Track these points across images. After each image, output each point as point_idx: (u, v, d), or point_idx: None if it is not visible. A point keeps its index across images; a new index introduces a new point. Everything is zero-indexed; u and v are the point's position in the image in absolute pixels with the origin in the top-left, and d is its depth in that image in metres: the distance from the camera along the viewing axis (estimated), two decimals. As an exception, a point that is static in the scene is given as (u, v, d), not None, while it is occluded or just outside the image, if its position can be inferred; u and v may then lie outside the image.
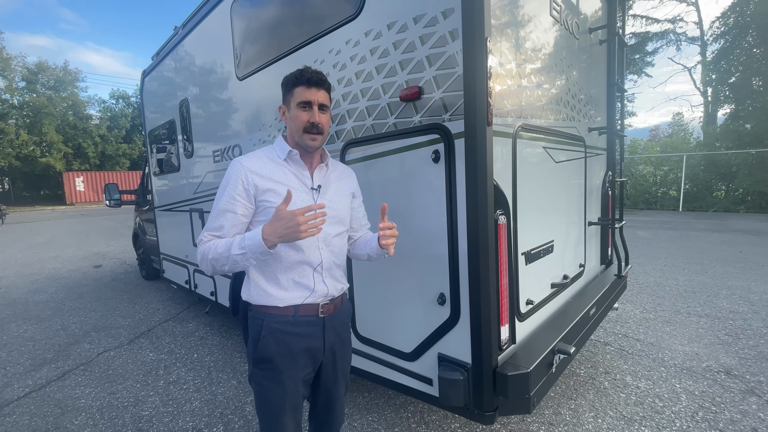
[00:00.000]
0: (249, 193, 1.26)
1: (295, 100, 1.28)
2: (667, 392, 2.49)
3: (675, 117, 22.41)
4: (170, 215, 4.48)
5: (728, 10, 14.37)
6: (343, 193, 1.43)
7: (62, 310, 4.72)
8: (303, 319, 1.30)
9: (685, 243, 7.36)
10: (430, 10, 1.57)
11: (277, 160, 1.32)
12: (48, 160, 28.06)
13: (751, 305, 3.96)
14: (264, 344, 1.28)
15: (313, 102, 1.28)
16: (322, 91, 1.30)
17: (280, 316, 1.28)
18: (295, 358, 1.29)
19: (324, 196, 1.35)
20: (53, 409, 2.59)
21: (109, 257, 8.17)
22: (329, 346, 1.36)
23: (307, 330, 1.30)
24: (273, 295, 1.28)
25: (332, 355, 1.38)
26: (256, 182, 1.26)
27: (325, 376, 1.41)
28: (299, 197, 1.28)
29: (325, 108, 1.32)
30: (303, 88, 1.27)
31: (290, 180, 1.30)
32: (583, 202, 2.59)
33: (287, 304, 1.28)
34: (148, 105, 4.92)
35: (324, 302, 1.34)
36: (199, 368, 3.08)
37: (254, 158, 1.31)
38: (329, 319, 1.35)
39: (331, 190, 1.39)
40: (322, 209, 1.16)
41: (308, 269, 1.31)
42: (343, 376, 1.47)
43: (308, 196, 1.32)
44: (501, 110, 1.64)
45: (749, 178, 12.39)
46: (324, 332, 1.33)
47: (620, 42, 2.78)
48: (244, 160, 1.30)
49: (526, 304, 1.86)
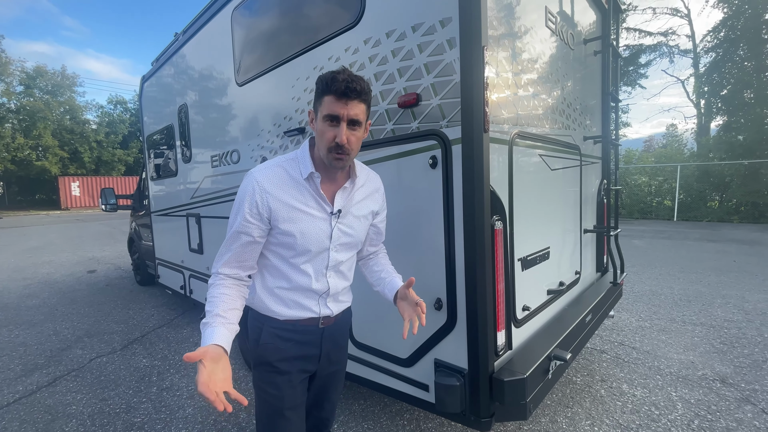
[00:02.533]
0: (262, 216, 1.15)
1: (323, 111, 1.09)
2: (663, 400, 2.49)
3: (669, 128, 22.76)
4: (167, 220, 4.47)
5: (720, 24, 14.68)
6: (364, 214, 1.32)
7: (55, 315, 4.66)
8: (302, 328, 1.28)
9: (679, 252, 7.41)
10: (429, 19, 1.60)
11: (298, 178, 1.18)
12: (43, 164, 27.92)
13: (746, 314, 3.99)
14: (263, 349, 1.26)
15: (341, 117, 1.08)
16: (355, 103, 1.08)
17: (280, 323, 1.26)
18: (293, 362, 1.28)
19: (342, 221, 1.25)
20: (44, 416, 2.55)
21: (104, 262, 8.10)
22: (325, 353, 1.34)
23: (304, 338, 1.28)
24: (274, 310, 1.25)
25: (327, 360, 1.37)
26: (271, 206, 1.15)
27: (318, 379, 1.40)
28: (316, 225, 1.20)
29: (357, 125, 1.11)
30: (332, 99, 1.07)
31: (309, 204, 1.19)
32: (578, 210, 2.62)
33: (287, 318, 1.26)
34: (146, 110, 4.93)
35: (325, 317, 1.31)
36: (193, 375, 3.05)
37: (272, 174, 1.17)
38: (328, 328, 1.33)
39: (351, 214, 1.27)
40: (208, 400, 0.93)
41: (314, 295, 1.27)
42: (336, 379, 1.46)
43: (326, 224, 1.21)
44: (497, 118, 1.66)
45: (742, 188, 12.54)
46: (321, 341, 1.31)
47: (614, 53, 2.83)
48: (260, 176, 1.16)
49: (523, 310, 1.87)
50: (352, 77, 1.07)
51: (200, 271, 3.70)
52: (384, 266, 1.47)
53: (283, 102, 2.40)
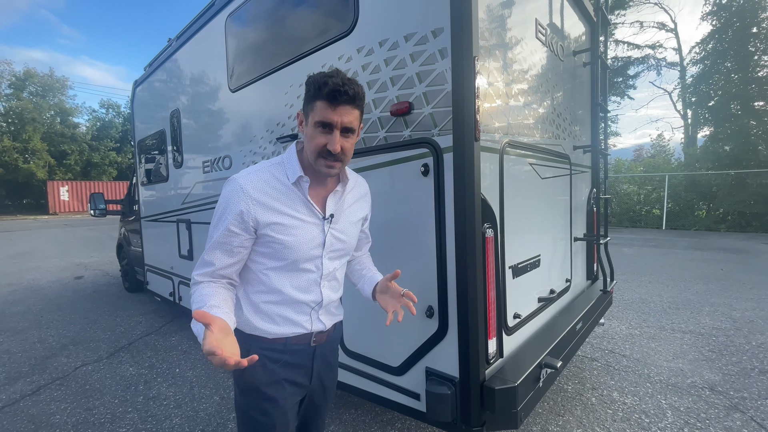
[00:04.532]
0: (247, 226, 1.07)
1: (314, 116, 1.03)
2: (653, 408, 2.50)
3: (656, 139, 23.22)
4: (157, 226, 4.42)
5: (708, 36, 15.07)
6: (355, 220, 1.28)
7: (40, 322, 4.55)
8: (293, 347, 1.19)
9: (668, 260, 7.50)
10: (421, 29, 1.62)
11: (286, 182, 1.11)
12: (30, 167, 27.48)
13: (734, 322, 4.04)
14: (251, 374, 1.14)
15: (334, 125, 1.02)
16: (348, 109, 1.02)
17: (269, 344, 1.16)
18: (284, 385, 1.18)
19: (335, 227, 1.19)
20: (27, 425, 2.48)
21: (91, 268, 7.96)
22: (317, 372, 1.26)
23: (294, 359, 1.19)
24: (262, 328, 1.15)
25: (319, 382, 1.29)
26: (257, 215, 1.06)
27: (308, 398, 1.32)
28: (307, 231, 1.12)
29: (350, 132, 1.06)
30: (324, 105, 1.01)
31: (299, 209, 1.12)
32: (569, 218, 2.64)
33: (276, 336, 1.16)
34: (138, 115, 4.90)
35: (318, 333, 1.23)
36: (181, 383, 2.99)
37: (257, 179, 1.09)
38: (320, 347, 1.25)
39: (343, 220, 1.22)
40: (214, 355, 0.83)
41: (305, 308, 1.18)
42: (327, 396, 1.38)
43: (318, 230, 1.15)
44: (488, 126, 1.68)
45: (729, 198, 12.79)
46: (313, 360, 1.23)
47: (603, 65, 2.89)
48: (245, 182, 1.07)
49: (514, 318, 1.87)
50: (345, 81, 1.00)
51: (190, 278, 3.65)
52: (365, 265, 1.44)
53: (276, 108, 2.40)
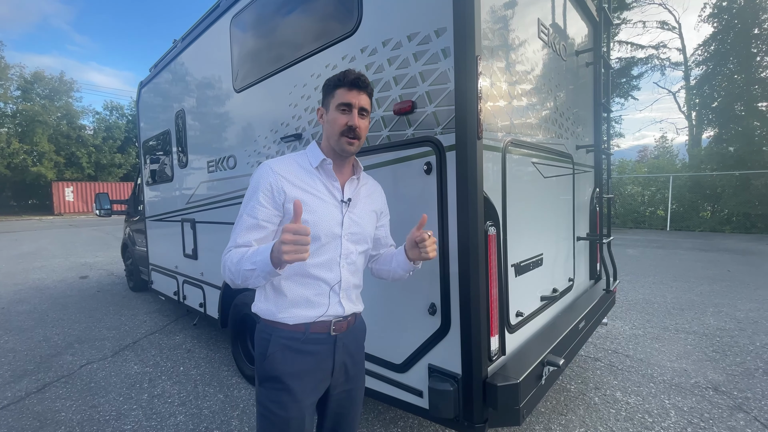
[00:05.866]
0: (277, 201, 1.18)
1: (336, 101, 1.23)
2: (656, 408, 2.49)
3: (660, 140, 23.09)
4: (161, 225, 4.45)
5: (710, 38, 15.02)
6: (370, 209, 1.36)
7: (45, 321, 4.60)
8: (313, 336, 1.21)
9: (672, 261, 7.47)
10: (424, 29, 1.63)
11: (308, 168, 1.25)
12: (39, 169, 27.74)
13: (738, 322, 4.02)
14: (270, 362, 1.19)
15: (354, 105, 1.22)
16: (364, 94, 1.24)
17: (289, 332, 1.20)
18: (303, 378, 1.19)
19: (352, 211, 1.28)
20: (32, 422, 2.50)
21: (96, 268, 8.02)
22: (339, 365, 1.26)
23: (316, 348, 1.21)
24: (282, 315, 1.20)
25: (343, 375, 1.29)
26: (285, 188, 1.18)
27: (334, 400, 1.30)
28: (328, 211, 1.22)
29: (365, 113, 1.26)
30: (344, 90, 1.22)
31: (320, 190, 1.23)
32: (571, 218, 2.65)
33: (297, 322, 1.20)
34: (143, 116, 4.94)
35: (336, 320, 1.25)
36: (185, 381, 3.02)
37: (284, 163, 1.24)
38: (341, 337, 1.26)
39: (359, 206, 1.31)
40: (307, 234, 0.98)
41: (325, 287, 1.22)
42: (354, 401, 1.35)
43: (337, 210, 1.24)
44: (491, 125, 1.69)
45: (734, 199, 12.72)
46: (335, 351, 1.24)
47: (606, 65, 2.89)
48: (273, 163, 1.23)
49: (516, 316, 1.88)
50: (360, 73, 1.24)
51: (194, 277, 3.68)
52: (392, 251, 1.46)
53: (281, 108, 2.42)
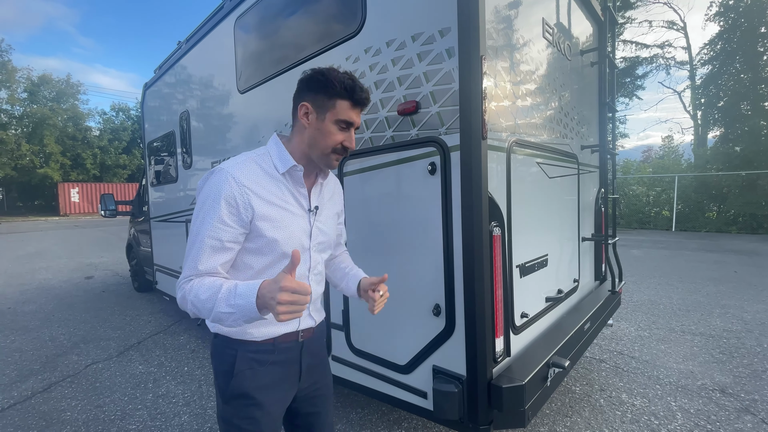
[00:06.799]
0: (244, 219, 1.01)
1: (335, 114, 1.07)
2: (662, 410, 2.47)
3: (665, 140, 22.90)
4: (166, 226, 4.47)
5: (716, 36, 14.90)
6: (334, 213, 1.28)
7: (51, 321, 4.63)
8: (282, 346, 1.14)
9: (678, 262, 7.41)
10: (428, 29, 1.63)
11: (273, 174, 1.09)
12: (46, 171, 28.00)
13: (745, 324, 3.98)
14: (239, 379, 1.09)
15: (354, 124, 1.11)
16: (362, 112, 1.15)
17: (257, 346, 1.11)
18: (272, 389, 1.13)
19: (319, 219, 1.18)
20: (38, 422, 2.52)
21: (101, 268, 8.07)
22: (306, 367, 1.21)
23: (283, 357, 1.15)
24: (250, 332, 1.09)
25: (309, 378, 1.23)
26: (253, 203, 1.01)
27: (305, 402, 1.25)
28: (297, 224, 1.11)
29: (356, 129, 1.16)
30: (348, 105, 1.08)
31: (289, 201, 1.10)
32: (576, 218, 2.63)
33: (266, 338, 1.11)
34: (148, 117, 4.97)
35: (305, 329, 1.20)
36: (189, 381, 3.03)
37: (246, 168, 1.05)
38: (307, 341, 1.21)
39: (325, 212, 1.21)
40: (307, 294, 0.85)
41: None
42: (326, 398, 1.31)
43: (305, 221, 1.13)
44: (495, 125, 1.68)
45: (740, 199, 12.59)
46: (301, 356, 1.19)
47: (610, 64, 2.87)
48: (234, 171, 1.02)
49: (521, 317, 1.87)
50: (367, 90, 1.12)
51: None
52: (347, 263, 1.40)
53: (284, 109, 2.42)
